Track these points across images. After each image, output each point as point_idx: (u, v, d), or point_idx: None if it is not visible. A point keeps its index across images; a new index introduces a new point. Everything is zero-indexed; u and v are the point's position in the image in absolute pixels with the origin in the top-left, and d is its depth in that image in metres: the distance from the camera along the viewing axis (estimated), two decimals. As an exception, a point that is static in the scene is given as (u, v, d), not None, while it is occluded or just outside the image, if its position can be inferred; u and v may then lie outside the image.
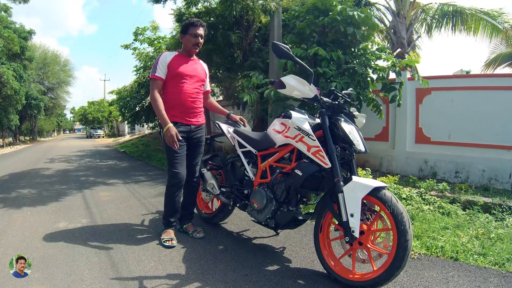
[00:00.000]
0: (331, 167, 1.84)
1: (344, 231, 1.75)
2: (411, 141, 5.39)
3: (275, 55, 2.02)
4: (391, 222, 1.64)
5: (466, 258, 2.29)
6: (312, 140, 1.91)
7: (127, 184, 5.27)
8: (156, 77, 2.46)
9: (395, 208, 1.62)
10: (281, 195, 2.12)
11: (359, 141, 1.87)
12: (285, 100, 4.25)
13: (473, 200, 3.74)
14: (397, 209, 1.62)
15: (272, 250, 2.42)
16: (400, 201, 1.66)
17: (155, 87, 2.46)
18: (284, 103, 4.27)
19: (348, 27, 4.17)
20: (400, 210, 1.61)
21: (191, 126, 2.55)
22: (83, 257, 2.27)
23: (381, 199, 1.66)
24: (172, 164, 2.46)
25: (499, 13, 8.39)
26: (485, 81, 4.92)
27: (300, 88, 1.96)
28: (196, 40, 2.51)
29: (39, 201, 4.00)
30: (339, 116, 1.92)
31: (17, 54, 15.39)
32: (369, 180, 1.75)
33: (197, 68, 2.61)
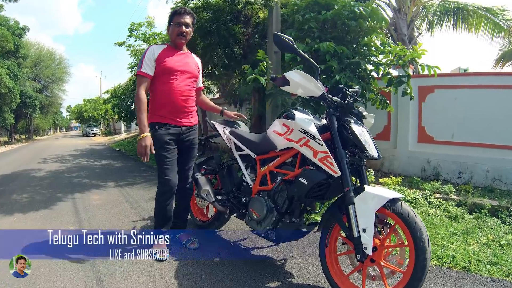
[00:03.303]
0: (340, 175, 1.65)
1: (354, 248, 1.57)
2: (414, 140, 5.26)
3: (278, 48, 1.78)
4: (408, 238, 1.47)
5: (478, 268, 2.19)
6: (319, 145, 1.71)
7: (120, 186, 5.09)
8: (142, 73, 2.24)
9: (413, 222, 1.44)
10: (282, 205, 1.93)
11: (371, 145, 1.68)
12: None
13: (480, 203, 3.64)
14: (416, 224, 1.44)
15: (273, 263, 2.23)
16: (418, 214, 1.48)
17: (141, 85, 2.24)
18: (283, 96, 4.05)
19: (351, 21, 4.02)
20: (419, 225, 1.44)
21: (181, 128, 2.33)
22: (68, 271, 2.10)
23: (398, 213, 1.48)
24: (162, 170, 2.25)
25: (501, 10, 8.33)
26: (489, 79, 4.80)
27: (306, 85, 1.73)
28: (180, 29, 2.27)
29: (27, 206, 3.83)
30: (349, 117, 1.73)
31: (11, 51, 15.15)
32: (383, 190, 1.57)
33: (189, 63, 2.38)
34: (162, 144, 2.25)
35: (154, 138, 2.22)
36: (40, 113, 26.22)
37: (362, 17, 4.10)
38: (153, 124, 2.29)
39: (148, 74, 2.25)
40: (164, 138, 2.25)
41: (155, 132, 2.26)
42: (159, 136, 2.25)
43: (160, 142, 2.25)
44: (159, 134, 2.25)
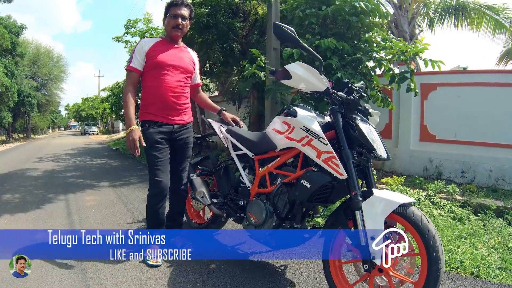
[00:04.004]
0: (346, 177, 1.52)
1: (362, 257, 1.44)
2: (416, 139, 5.19)
3: (278, 39, 1.64)
4: (421, 246, 1.34)
5: (487, 274, 2.11)
6: (324, 144, 1.57)
7: (115, 186, 4.98)
8: (131, 68, 2.12)
9: (426, 230, 1.32)
10: (283, 209, 1.79)
11: (379, 145, 1.55)
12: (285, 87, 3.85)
13: (485, 203, 3.57)
14: (429, 232, 1.31)
15: (272, 270, 2.11)
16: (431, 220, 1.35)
17: (130, 81, 2.13)
18: (282, 92, 3.91)
19: (352, 17, 3.92)
20: (432, 233, 1.31)
21: (173, 126, 2.18)
22: (56, 278, 1.98)
23: (409, 219, 1.36)
24: (153, 171, 2.12)
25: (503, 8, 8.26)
26: (493, 77, 4.73)
27: (309, 79, 1.59)
28: (176, 21, 2.13)
29: (20, 207, 3.73)
30: (355, 114, 1.59)
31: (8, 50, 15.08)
32: (393, 194, 1.44)
33: (183, 57, 2.23)
34: (153, 143, 2.12)
35: (144, 137, 2.10)
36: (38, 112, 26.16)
37: (364, 13, 4.00)
38: (144, 122, 2.17)
39: (137, 69, 2.12)
40: (154, 137, 2.12)
41: (146, 130, 2.13)
42: (149, 135, 2.12)
43: (151, 141, 2.12)
44: (149, 133, 2.12)
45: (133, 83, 2.13)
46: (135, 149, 2.02)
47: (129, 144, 2.02)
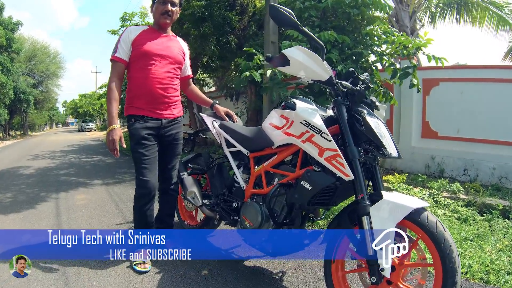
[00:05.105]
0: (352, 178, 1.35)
1: (369, 268, 1.29)
2: (417, 135, 5.09)
3: (274, 22, 1.44)
4: (435, 256, 1.19)
5: (497, 279, 2.01)
6: (327, 141, 1.40)
7: (108, 184, 4.85)
8: (116, 58, 1.95)
9: (442, 238, 1.17)
10: (280, 213, 1.63)
11: (389, 142, 1.38)
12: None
13: (491, 203, 3.45)
14: (445, 241, 1.16)
15: (269, 276, 1.96)
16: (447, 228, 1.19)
17: (115, 72, 1.96)
18: (279, 90, 3.75)
19: (353, 9, 3.81)
20: (449, 242, 1.16)
21: (162, 121, 2.02)
22: (39, 284, 1.86)
23: (423, 225, 1.20)
24: (139, 170, 1.96)
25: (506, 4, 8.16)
26: (497, 72, 4.61)
27: (311, 66, 1.41)
28: (165, 7, 1.96)
29: (8, 207, 3.60)
30: (361, 107, 1.42)
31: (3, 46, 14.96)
32: (404, 197, 1.28)
33: (171, 47, 2.06)
34: (139, 139, 1.96)
35: (130, 132, 1.95)
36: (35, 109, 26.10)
37: (364, 5, 3.88)
38: (130, 117, 2.01)
39: (122, 59, 1.96)
40: (141, 133, 1.96)
41: (131, 126, 1.98)
42: (135, 130, 1.96)
43: (137, 137, 1.96)
44: (135, 129, 1.97)
45: (118, 75, 1.97)
46: (114, 150, 1.89)
47: (108, 144, 1.90)
